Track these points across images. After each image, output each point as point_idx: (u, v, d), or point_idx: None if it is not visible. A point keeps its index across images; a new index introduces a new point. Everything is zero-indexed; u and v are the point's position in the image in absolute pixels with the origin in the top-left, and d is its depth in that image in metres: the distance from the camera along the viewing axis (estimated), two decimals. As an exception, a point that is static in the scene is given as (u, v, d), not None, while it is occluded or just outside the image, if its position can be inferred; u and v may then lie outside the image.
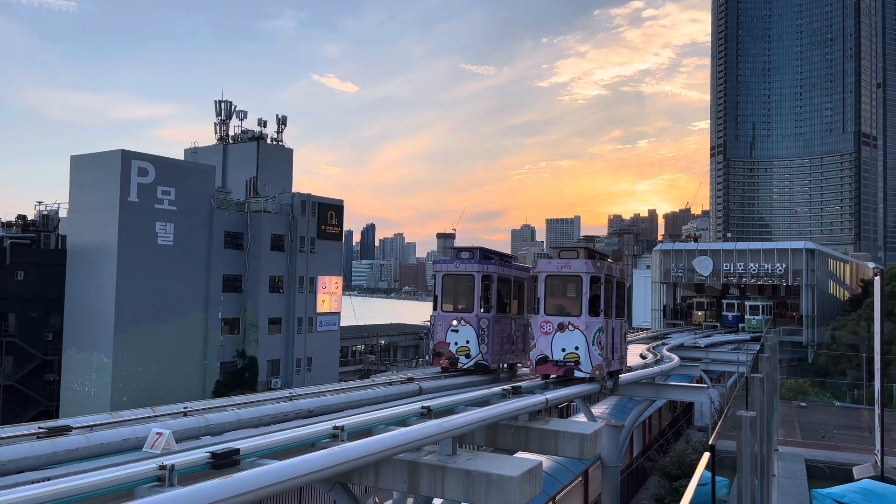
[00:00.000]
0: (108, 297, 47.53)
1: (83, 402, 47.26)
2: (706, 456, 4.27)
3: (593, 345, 17.18)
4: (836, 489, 10.45)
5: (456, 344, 16.96)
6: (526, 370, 19.30)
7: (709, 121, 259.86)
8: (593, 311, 17.28)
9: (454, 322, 16.98)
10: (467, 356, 16.88)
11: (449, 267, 17.43)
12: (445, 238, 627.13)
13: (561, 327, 17.23)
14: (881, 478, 12.21)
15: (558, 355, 17.18)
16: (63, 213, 55.32)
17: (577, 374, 17.03)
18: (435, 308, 17.41)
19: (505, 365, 18.17)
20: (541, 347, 17.29)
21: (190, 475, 6.52)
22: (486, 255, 17.55)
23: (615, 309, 18.45)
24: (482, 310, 17.07)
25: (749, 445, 4.14)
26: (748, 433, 3.98)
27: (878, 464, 12.71)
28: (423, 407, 10.88)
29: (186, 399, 11.56)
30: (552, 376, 16.97)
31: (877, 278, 14.12)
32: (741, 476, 4.10)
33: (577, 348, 17.12)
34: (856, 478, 12.43)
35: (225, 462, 6.90)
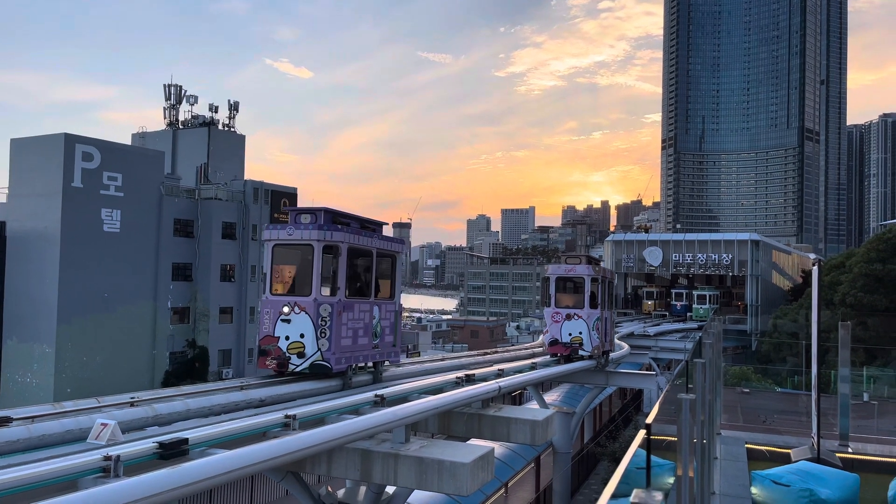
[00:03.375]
0: (50, 285, 46.02)
1: (24, 393, 45.77)
2: (641, 433, 4.41)
3: (593, 330, 22.52)
4: (775, 470, 10.88)
5: (287, 338, 12.37)
6: (400, 370, 15.17)
7: (661, 113, 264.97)
8: (593, 305, 22.52)
9: (285, 309, 12.38)
10: (301, 355, 12.24)
11: (281, 234, 12.76)
12: (402, 227, 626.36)
13: (568, 317, 22.48)
14: (817, 459, 12.76)
15: (566, 339, 22.48)
16: (2, 199, 53.26)
17: (581, 353, 22.37)
18: (265, 290, 12.94)
19: (360, 366, 13.49)
20: (552, 333, 22.69)
21: (137, 466, 6.41)
22: (335, 218, 12.97)
23: (607, 303, 23.97)
24: (324, 292, 12.51)
25: (688, 427, 4.29)
26: (688, 415, 4.13)
27: (815, 446, 13.28)
28: (376, 395, 10.91)
29: (134, 390, 11.28)
30: (560, 354, 22.21)
31: (815, 268, 14.69)
32: (681, 457, 4.25)
33: (580, 333, 22.41)
34: (793, 460, 12.96)
35: (173, 452, 6.80)
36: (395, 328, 14.56)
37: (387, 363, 14.44)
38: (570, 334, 22.54)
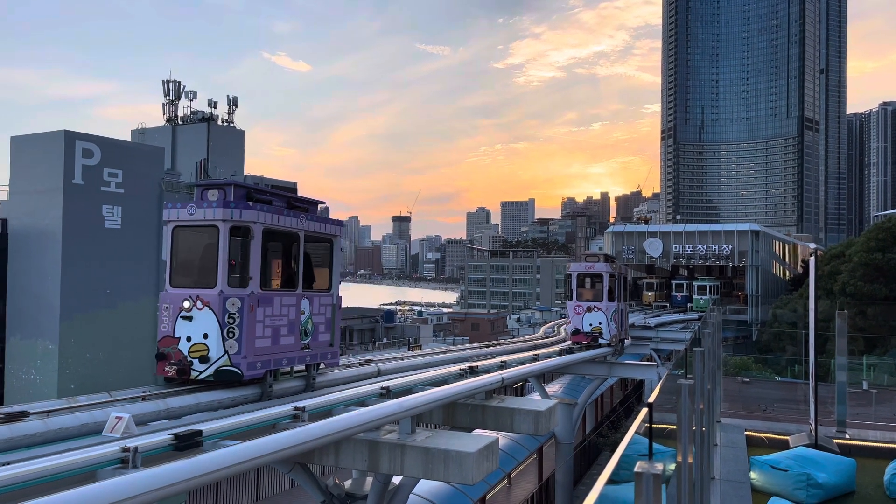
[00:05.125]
0: (52, 282, 46.10)
1: (29, 389, 45.94)
2: (642, 412, 4.57)
3: (611, 321, 25.54)
4: (773, 456, 11.09)
5: (189, 340, 10.34)
6: (341, 373, 12.84)
7: (660, 104, 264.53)
8: (610, 298, 25.50)
9: (185, 304, 10.35)
10: (204, 359, 10.18)
11: (182, 214, 10.64)
12: (401, 221, 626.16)
13: (588, 309, 25.57)
14: (815, 445, 12.97)
15: (587, 328, 25.52)
16: (3, 196, 53.40)
17: (601, 340, 25.36)
18: (165, 282, 10.96)
19: (285, 371, 11.38)
20: (574, 323, 25.86)
21: (153, 457, 6.61)
22: (251, 194, 10.84)
23: (622, 296, 27.16)
24: (232, 283, 10.37)
25: (688, 412, 4.47)
26: (687, 400, 4.29)
27: (812, 433, 13.49)
28: (382, 388, 11.09)
29: (136, 386, 11.44)
30: (582, 342, 25.08)
31: (812, 258, 14.86)
32: (681, 442, 4.42)
33: (600, 323, 25.47)
34: (791, 446, 13.17)
35: (187, 444, 7.00)
36: (333, 325, 12.38)
37: (322, 366, 12.17)
38: (590, 325, 25.59)
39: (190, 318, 10.36)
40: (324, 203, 12.90)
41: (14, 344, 52.11)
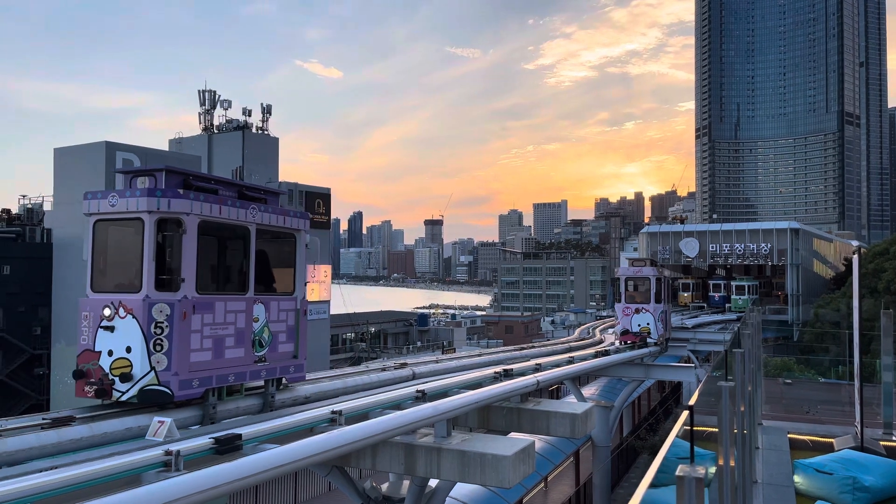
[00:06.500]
0: (96, 289, 47.37)
1: (73, 395, 47.26)
2: (683, 415, 4.51)
3: (658, 321, 27.24)
4: (818, 459, 10.85)
5: (111, 354, 8.69)
6: (310, 388, 11.21)
7: (694, 101, 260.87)
8: (657, 300, 27.33)
9: (106, 312, 8.72)
10: (126, 377, 8.53)
11: (102, 205, 9.02)
12: (433, 224, 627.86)
13: (637, 311, 27.28)
14: (861, 448, 12.64)
15: (636, 329, 27.21)
16: (48, 207, 54.97)
17: (649, 340, 27.04)
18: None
19: (235, 388, 9.76)
20: (623, 324, 27.54)
21: (194, 460, 6.74)
22: (188, 181, 9.17)
23: (667, 298, 29.07)
24: (161, 287, 8.73)
25: (729, 414, 4.40)
26: (728, 402, 4.23)
27: (858, 435, 13.15)
28: (417, 391, 11.13)
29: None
30: (630, 343, 26.68)
31: (855, 256, 14.50)
32: (722, 444, 4.36)
33: (648, 324, 27.19)
34: (836, 449, 12.86)
35: (228, 447, 7.12)
36: (297, 333, 10.74)
37: (284, 381, 10.61)
38: (639, 325, 27.23)
39: (111, 329, 8.69)
40: (284, 193, 11.35)
41: (59, 350, 53.54)
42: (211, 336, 9.08)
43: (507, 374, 13.78)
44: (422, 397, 10.94)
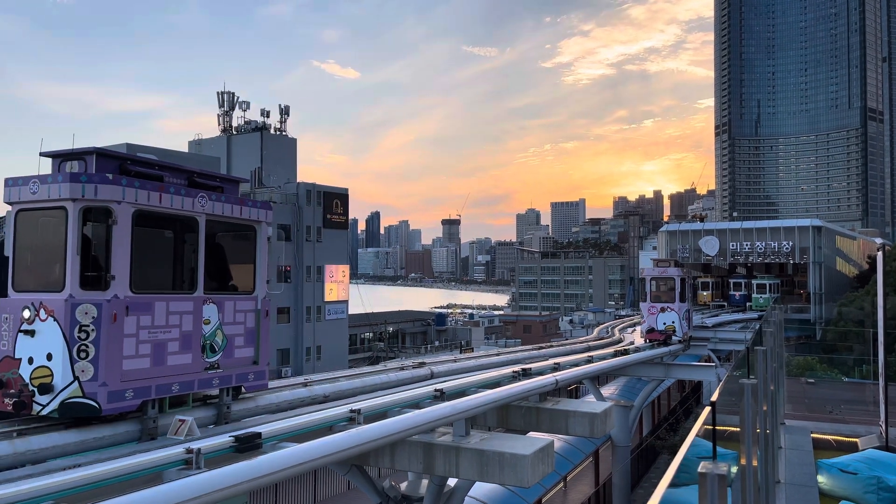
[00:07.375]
0: (118, 290, 47.99)
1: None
2: (705, 411, 4.46)
3: (683, 320, 28.17)
4: (842, 458, 10.69)
5: (31, 362, 7.64)
6: (272, 397, 10.14)
7: (714, 98, 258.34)
8: (682, 299, 28.35)
9: (25, 314, 7.70)
10: (46, 389, 7.45)
11: (23, 193, 7.96)
12: (450, 224, 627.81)
13: (662, 310, 28.25)
14: (885, 448, 12.44)
15: (661, 327, 28.14)
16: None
17: (674, 338, 27.91)
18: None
19: (180, 398, 8.58)
20: (649, 323, 28.50)
21: (215, 458, 6.79)
22: (124, 166, 8.18)
23: (690, 297, 30.26)
24: (87, 285, 7.72)
25: (751, 412, 4.34)
26: (750, 399, 4.17)
27: (883, 434, 12.94)
28: (435, 390, 11.14)
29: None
30: (656, 340, 27.61)
31: (879, 253, 14.26)
32: (744, 443, 4.30)
33: (673, 322, 28.08)
34: (860, 448, 12.67)
35: (248, 445, 7.17)
36: (258, 336, 9.66)
37: (243, 389, 9.49)
38: (664, 324, 28.15)
39: (31, 333, 7.63)
40: (246, 181, 10.31)
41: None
42: (150, 340, 8.05)
43: (526, 374, 13.75)
44: (440, 396, 10.95)
